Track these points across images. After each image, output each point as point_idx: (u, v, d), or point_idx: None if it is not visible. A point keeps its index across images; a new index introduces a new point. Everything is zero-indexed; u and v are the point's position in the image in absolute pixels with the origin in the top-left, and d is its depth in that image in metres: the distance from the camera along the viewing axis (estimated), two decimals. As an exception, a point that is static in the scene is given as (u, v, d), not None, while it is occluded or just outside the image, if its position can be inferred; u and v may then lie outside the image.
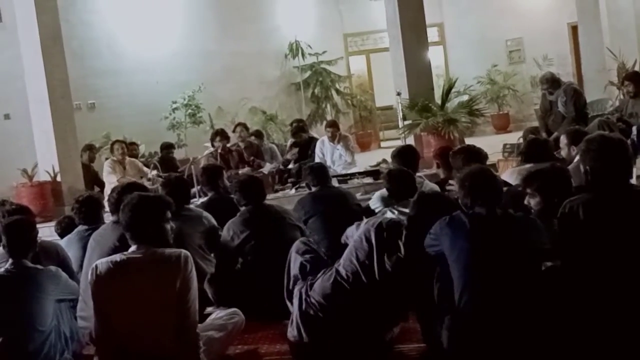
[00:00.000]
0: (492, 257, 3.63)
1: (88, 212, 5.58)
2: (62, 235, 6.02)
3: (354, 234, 4.86)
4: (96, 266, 3.86)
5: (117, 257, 3.88)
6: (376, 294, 4.07)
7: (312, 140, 10.49)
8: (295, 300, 4.35)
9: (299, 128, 10.85)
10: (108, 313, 3.82)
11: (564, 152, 5.83)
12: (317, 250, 4.75)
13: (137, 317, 3.76)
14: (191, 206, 6.10)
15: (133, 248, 3.87)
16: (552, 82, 9.35)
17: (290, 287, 4.51)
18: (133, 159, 10.07)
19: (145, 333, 3.75)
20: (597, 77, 13.18)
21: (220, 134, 9.90)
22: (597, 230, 3.51)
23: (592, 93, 11.88)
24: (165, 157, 10.95)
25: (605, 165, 3.61)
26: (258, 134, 11.14)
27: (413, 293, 4.10)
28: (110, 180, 9.25)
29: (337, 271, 4.20)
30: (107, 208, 5.73)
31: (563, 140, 5.88)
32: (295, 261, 4.59)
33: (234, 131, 10.52)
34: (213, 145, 10.01)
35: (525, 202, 4.19)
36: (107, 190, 8.49)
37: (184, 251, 3.87)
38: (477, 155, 5.58)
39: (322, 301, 4.18)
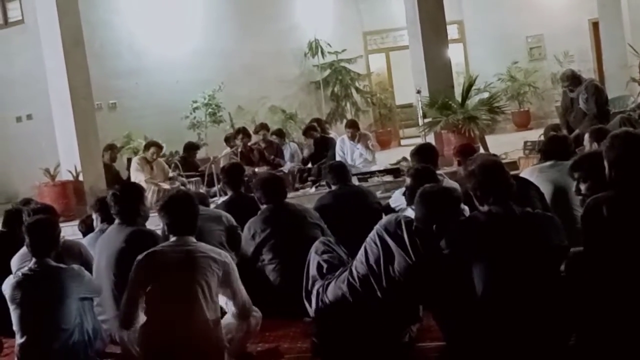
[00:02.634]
0: (511, 257, 3.61)
1: (109, 211, 5.60)
2: (85, 234, 6.07)
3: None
4: (139, 259, 4.01)
5: (158, 248, 4.07)
6: (385, 297, 4.00)
7: (326, 140, 10.57)
8: (314, 299, 4.35)
9: (308, 128, 11.09)
10: (149, 304, 3.95)
11: (587, 150, 5.79)
12: (336, 250, 4.72)
13: (172, 308, 3.87)
14: (208, 208, 6.10)
15: (173, 239, 4.06)
16: (572, 79, 9.29)
17: (309, 287, 4.50)
18: (160, 160, 10.14)
19: (178, 325, 3.85)
20: (618, 73, 13.05)
21: (243, 132, 10.06)
22: (621, 227, 3.47)
23: (613, 90, 11.76)
24: (187, 157, 11.01)
25: (629, 161, 3.57)
26: (279, 133, 11.18)
27: (427, 294, 4.04)
28: (138, 178, 9.15)
29: (351, 271, 4.18)
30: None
31: (587, 137, 5.84)
32: (313, 261, 4.59)
33: (255, 132, 10.60)
34: (230, 146, 10.09)
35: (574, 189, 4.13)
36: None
37: (225, 252, 4.09)
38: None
39: (336, 301, 4.17)
